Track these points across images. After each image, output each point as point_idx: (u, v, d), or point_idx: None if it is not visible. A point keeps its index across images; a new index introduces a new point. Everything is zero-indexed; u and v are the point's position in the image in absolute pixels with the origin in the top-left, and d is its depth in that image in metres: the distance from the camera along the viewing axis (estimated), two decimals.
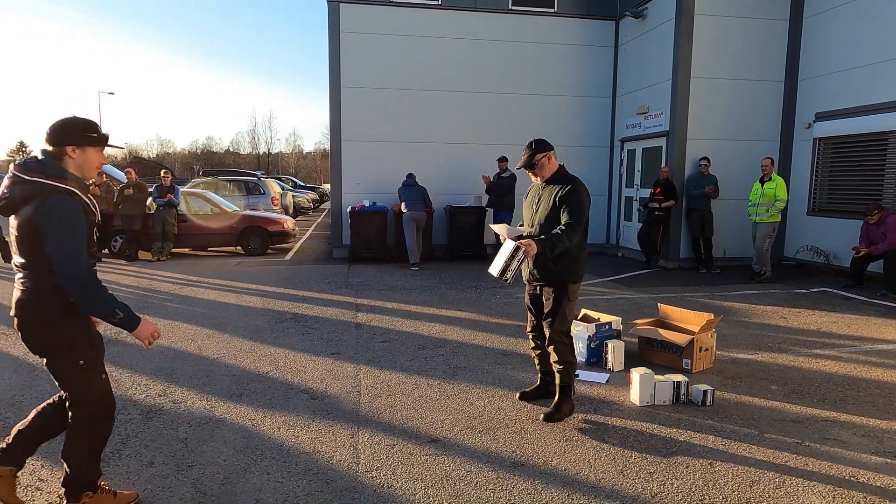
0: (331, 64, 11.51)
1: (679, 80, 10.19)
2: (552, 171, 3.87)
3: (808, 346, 5.61)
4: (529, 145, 3.87)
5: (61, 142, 2.47)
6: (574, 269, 3.82)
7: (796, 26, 10.32)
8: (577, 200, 3.70)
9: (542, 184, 3.90)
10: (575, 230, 3.65)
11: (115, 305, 2.46)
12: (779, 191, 8.90)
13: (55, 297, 2.44)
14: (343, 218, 11.63)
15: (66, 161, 2.48)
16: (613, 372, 4.80)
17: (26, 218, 2.38)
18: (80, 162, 2.51)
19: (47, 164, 2.44)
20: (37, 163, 2.44)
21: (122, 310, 2.48)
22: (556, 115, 12.20)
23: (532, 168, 3.87)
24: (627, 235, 12.17)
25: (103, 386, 2.63)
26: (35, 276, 2.44)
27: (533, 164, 3.84)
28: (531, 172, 3.90)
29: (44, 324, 2.47)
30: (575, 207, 3.69)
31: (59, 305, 2.46)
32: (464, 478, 3.08)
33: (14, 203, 2.41)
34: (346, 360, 5.05)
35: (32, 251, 2.41)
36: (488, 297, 7.81)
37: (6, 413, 3.89)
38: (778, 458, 3.31)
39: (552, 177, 3.86)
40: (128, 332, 2.53)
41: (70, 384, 2.56)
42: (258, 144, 72.81)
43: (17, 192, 2.40)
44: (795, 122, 10.42)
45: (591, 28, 12.31)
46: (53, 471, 3.13)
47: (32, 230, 2.37)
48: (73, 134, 2.48)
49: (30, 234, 2.39)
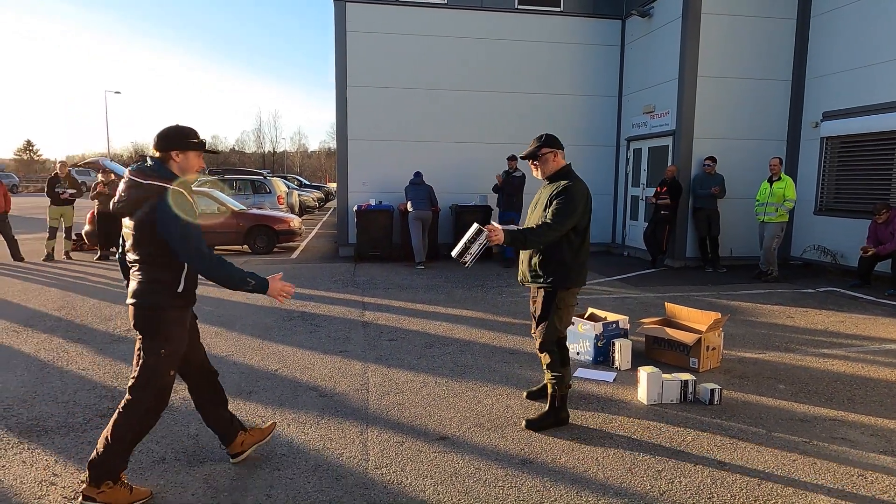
0: (337, 63, 11.54)
1: (685, 79, 10.17)
2: (554, 170, 3.71)
3: (816, 345, 5.60)
4: (539, 137, 3.75)
5: (167, 147, 2.76)
6: (563, 275, 3.61)
7: (804, 25, 10.28)
8: (565, 199, 3.52)
9: (545, 182, 3.78)
10: (553, 229, 3.47)
11: (245, 276, 2.80)
12: (788, 191, 8.88)
13: (165, 289, 2.74)
14: (349, 217, 11.66)
15: (171, 164, 2.77)
16: (621, 371, 4.81)
17: (143, 217, 2.66)
18: (182, 165, 2.79)
19: (157, 169, 2.73)
20: (148, 168, 2.73)
21: (251, 278, 2.82)
22: (562, 114, 12.19)
23: (535, 160, 3.72)
24: (633, 235, 12.16)
25: (168, 381, 2.85)
26: (148, 269, 2.73)
27: (536, 157, 3.71)
28: (533, 165, 3.76)
29: (153, 312, 2.76)
30: (562, 206, 3.50)
31: (168, 297, 2.75)
32: (472, 475, 3.10)
33: (131, 204, 2.68)
34: (353, 359, 5.07)
35: (147, 247, 2.70)
36: (494, 295, 7.82)
37: (19, 409, 3.93)
38: (786, 457, 3.32)
39: (553, 175, 3.71)
40: (263, 293, 2.86)
41: (144, 368, 2.78)
42: (263, 143, 73.00)
43: (133, 195, 2.68)
44: (802, 121, 10.39)
45: (597, 27, 12.30)
46: (67, 466, 3.17)
47: (150, 228, 2.65)
48: (176, 141, 2.78)
49: (147, 232, 2.67)
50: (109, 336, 5.71)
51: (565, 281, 3.63)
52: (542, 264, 3.63)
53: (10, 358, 5.02)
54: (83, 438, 3.50)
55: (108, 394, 4.22)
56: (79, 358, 5.03)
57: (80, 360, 4.96)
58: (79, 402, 4.05)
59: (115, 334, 5.77)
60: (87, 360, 4.99)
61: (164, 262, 2.72)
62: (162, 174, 2.71)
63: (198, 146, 2.84)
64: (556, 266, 3.60)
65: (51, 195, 10.91)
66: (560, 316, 3.67)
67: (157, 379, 2.79)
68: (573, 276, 3.64)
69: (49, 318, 6.40)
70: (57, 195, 10.83)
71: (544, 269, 3.62)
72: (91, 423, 3.71)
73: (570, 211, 3.50)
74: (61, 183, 10.92)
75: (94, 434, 3.54)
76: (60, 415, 3.85)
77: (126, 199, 2.70)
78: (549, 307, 3.66)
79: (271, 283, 2.87)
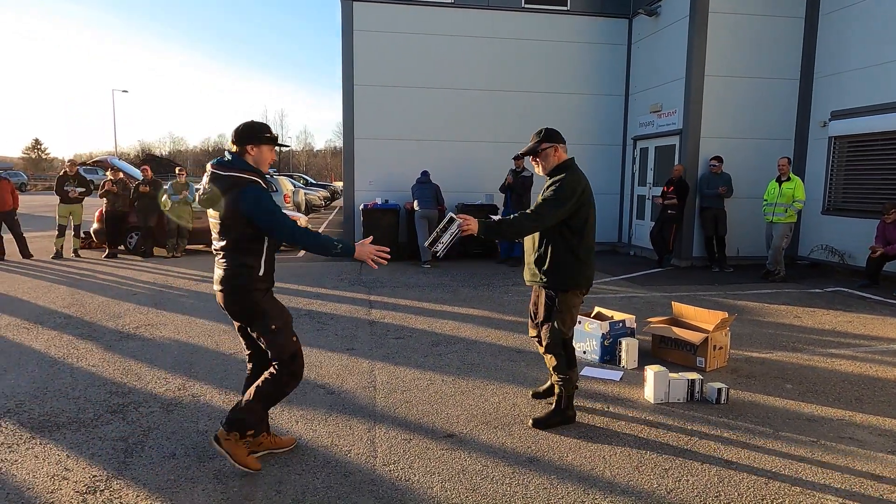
0: (344, 62, 11.57)
1: (693, 77, 10.14)
2: (555, 164, 3.61)
3: (824, 345, 5.59)
4: (538, 132, 3.66)
5: (243, 142, 2.99)
6: (562, 277, 3.50)
7: (812, 24, 10.23)
8: (554, 191, 3.41)
9: (546, 178, 3.68)
10: (532, 220, 3.37)
11: (332, 241, 3.00)
12: (797, 191, 8.84)
13: (249, 273, 2.98)
14: (356, 215, 11.70)
15: (247, 157, 3.00)
16: (627, 370, 4.81)
17: (230, 206, 2.89)
18: (256, 157, 3.02)
19: (235, 161, 2.97)
20: (228, 162, 2.97)
21: (338, 242, 3.00)
22: (568, 113, 12.19)
23: (535, 156, 3.65)
24: (639, 234, 12.14)
25: (295, 346, 3.11)
26: (234, 255, 2.96)
27: (537, 152, 3.63)
28: (534, 161, 3.70)
29: (241, 295, 3.00)
30: (548, 198, 3.41)
31: (253, 280, 2.99)
32: (480, 472, 3.12)
33: (215, 196, 2.91)
34: (361, 356, 5.10)
35: (233, 235, 2.93)
36: (500, 294, 7.84)
37: (31, 405, 3.97)
38: (793, 457, 3.32)
39: (554, 170, 3.61)
40: (350, 258, 3.03)
41: (270, 345, 3.05)
42: None
43: (217, 187, 2.91)
44: (811, 120, 10.35)
45: (604, 26, 12.29)
46: (78, 461, 3.20)
47: (235, 216, 2.89)
48: (251, 136, 3.00)
49: (234, 220, 2.90)
50: (118, 333, 5.76)
51: (564, 282, 3.53)
52: (540, 264, 3.57)
53: (21, 354, 5.07)
54: (94, 434, 3.53)
55: (118, 390, 4.26)
56: (88, 355, 5.07)
57: (89, 357, 5.00)
58: (89, 398, 4.09)
59: (123, 331, 5.82)
60: (97, 356, 5.03)
61: (248, 248, 2.96)
62: (241, 167, 2.95)
63: (270, 140, 3.05)
64: (554, 267, 3.52)
65: (60, 193, 10.99)
66: (562, 319, 3.58)
67: (286, 350, 3.05)
68: (573, 278, 3.52)
69: (58, 315, 6.46)
70: (66, 193, 10.91)
71: (542, 269, 3.56)
72: (101, 418, 3.75)
73: (556, 203, 3.39)
74: (70, 181, 11.00)
75: (105, 429, 3.58)
76: (71, 410, 3.89)
77: (210, 191, 2.92)
78: (550, 309, 3.61)
79: (358, 248, 3.04)
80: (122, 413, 3.85)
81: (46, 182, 47.05)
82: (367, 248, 3.03)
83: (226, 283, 2.99)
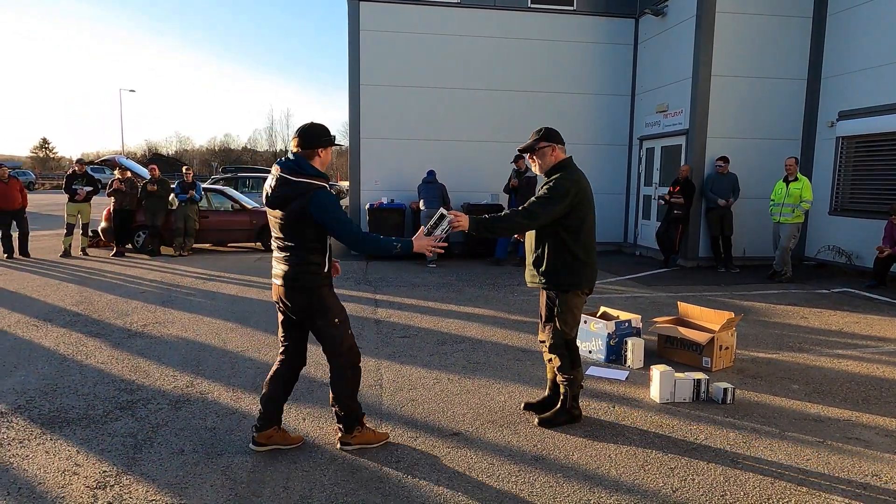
0: (350, 62, 11.61)
1: (699, 77, 10.12)
2: (552, 164, 3.57)
3: (830, 345, 5.57)
4: (538, 130, 3.62)
5: (314, 145, 3.09)
6: (561, 278, 3.48)
7: (819, 23, 10.19)
8: (549, 189, 3.41)
9: (544, 177, 3.66)
10: (524, 217, 3.36)
11: (391, 243, 3.14)
12: (805, 191, 8.81)
13: (316, 270, 3.11)
14: (361, 215, 11.73)
15: (315, 160, 3.10)
16: (633, 369, 4.82)
17: (296, 210, 3.00)
18: (323, 160, 3.14)
19: (304, 166, 3.05)
20: (296, 166, 3.04)
21: (397, 242, 3.15)
22: (574, 113, 12.18)
23: (532, 153, 3.61)
24: (645, 234, 12.12)
25: (351, 339, 3.29)
26: (298, 254, 3.08)
27: (534, 150, 3.58)
28: (531, 158, 3.66)
29: (308, 292, 3.12)
30: (542, 196, 3.40)
31: (319, 276, 3.12)
32: (486, 470, 3.14)
33: (282, 199, 3.02)
34: (367, 355, 5.11)
35: (298, 235, 3.06)
36: (506, 294, 7.85)
37: (41, 401, 4.01)
38: (799, 457, 3.32)
39: (551, 169, 3.58)
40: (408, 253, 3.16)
41: (328, 340, 3.21)
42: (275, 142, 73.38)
43: (285, 191, 3.02)
44: (818, 120, 10.31)
45: (610, 26, 12.27)
46: (88, 457, 3.24)
47: (302, 219, 3.01)
48: (321, 139, 3.11)
49: (299, 222, 3.03)
50: (126, 331, 5.80)
51: (563, 283, 3.51)
52: (538, 265, 3.56)
53: (31, 351, 5.12)
54: (104, 430, 3.57)
55: (126, 387, 4.29)
56: (97, 352, 5.12)
57: (98, 354, 5.05)
58: (98, 395, 4.13)
59: (131, 329, 5.86)
60: (106, 353, 5.07)
61: (314, 247, 3.08)
62: (310, 172, 3.04)
63: (333, 142, 3.16)
64: (552, 268, 3.50)
65: (68, 192, 11.07)
66: (564, 319, 3.55)
67: (342, 343, 3.22)
68: (573, 279, 3.49)
69: (67, 312, 6.51)
70: (74, 192, 10.99)
71: (540, 270, 3.55)
72: (111, 415, 3.78)
73: (549, 202, 3.38)
74: (78, 180, 11.08)
75: (115, 426, 3.61)
76: (81, 407, 3.93)
77: (279, 194, 3.03)
78: (551, 310, 3.60)
79: (416, 243, 3.17)
80: (130, 410, 3.89)
81: (54, 181, 47.33)
82: (425, 241, 3.16)
83: (291, 280, 3.10)
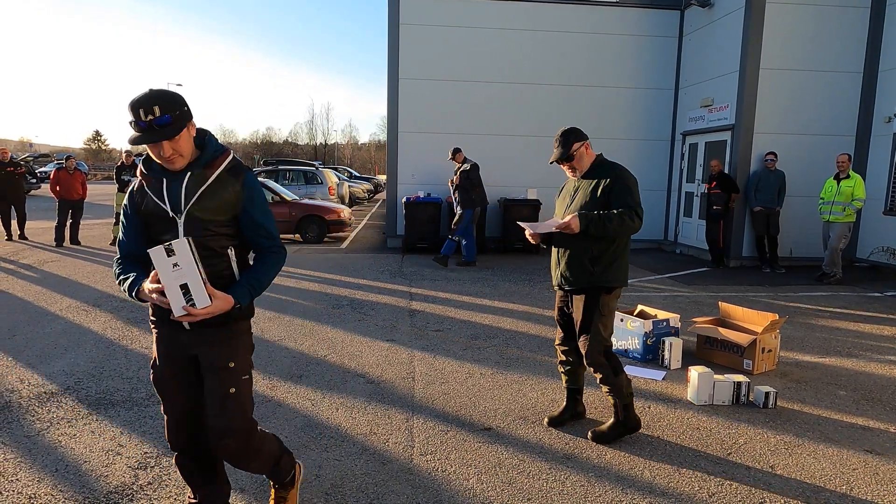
0: (389, 56, 11.65)
1: (747, 71, 9.78)
2: (590, 163, 3.44)
3: (881, 351, 5.33)
4: (562, 135, 3.42)
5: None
6: (611, 272, 3.31)
7: (878, 14, 9.70)
8: (629, 185, 3.28)
9: (577, 179, 3.47)
10: (633, 217, 3.17)
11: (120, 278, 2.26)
12: (857, 189, 8.42)
13: None
14: (398, 208, 11.79)
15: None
16: (670, 370, 4.71)
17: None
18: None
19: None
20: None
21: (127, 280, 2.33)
22: (615, 108, 11.95)
23: (570, 160, 3.41)
24: (686, 232, 11.82)
25: None
26: None
27: (571, 157, 3.39)
28: (567, 166, 3.45)
29: None
30: (631, 193, 3.25)
31: None
32: (516, 466, 3.12)
33: None
34: (400, 347, 5.15)
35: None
36: (541, 289, 7.77)
37: (88, 383, 4.18)
38: (845, 466, 3.18)
39: (591, 168, 3.42)
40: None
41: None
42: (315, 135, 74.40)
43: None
44: (874, 115, 9.84)
45: (654, 18, 11.97)
46: (131, 438, 3.35)
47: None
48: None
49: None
50: None
51: (612, 279, 3.32)
52: (592, 259, 3.30)
53: (80, 335, 5.34)
54: (146, 413, 3.69)
55: None
56: (141, 337, 5.30)
57: (142, 340, 5.22)
58: (142, 379, 4.27)
59: None
60: (149, 339, 5.24)
61: None
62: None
63: None
64: (607, 262, 3.30)
65: (118, 182, 11.48)
66: (605, 323, 3.36)
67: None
68: (621, 275, 3.37)
69: (114, 299, 6.76)
70: (124, 182, 11.38)
71: (594, 264, 3.30)
72: (153, 398, 3.91)
73: (638, 200, 3.28)
74: (127, 171, 11.47)
75: (156, 409, 3.73)
76: (125, 390, 4.07)
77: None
78: (592, 312, 3.32)
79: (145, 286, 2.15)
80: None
81: (105, 172, 49.20)
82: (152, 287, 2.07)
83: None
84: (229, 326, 2.26)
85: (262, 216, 2.28)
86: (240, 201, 2.21)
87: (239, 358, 2.29)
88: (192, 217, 2.14)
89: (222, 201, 2.18)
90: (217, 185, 2.18)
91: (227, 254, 2.24)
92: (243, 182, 2.23)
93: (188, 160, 2.15)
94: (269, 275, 2.32)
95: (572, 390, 3.69)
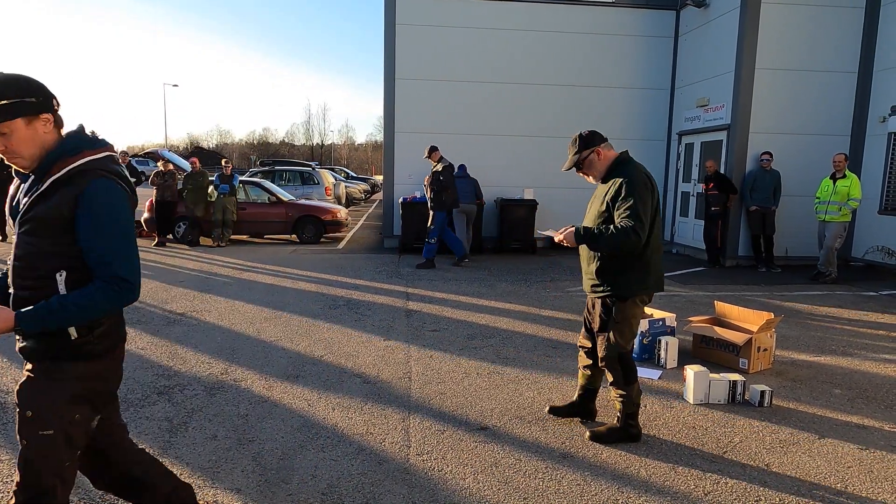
0: (386, 56, 11.64)
1: (742, 71, 9.80)
2: (605, 167, 3.34)
3: (876, 350, 5.35)
4: (574, 142, 3.38)
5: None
6: (622, 281, 3.21)
7: (873, 13, 9.74)
8: (629, 192, 3.12)
9: (599, 183, 3.43)
10: (627, 232, 3.03)
11: None
12: (853, 189, 8.45)
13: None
14: (395, 208, 11.78)
15: None
16: (666, 369, 4.72)
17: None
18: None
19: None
20: None
21: None
22: (611, 108, 11.96)
23: (580, 169, 3.39)
24: (683, 232, 11.84)
25: None
26: None
27: (580, 165, 3.36)
28: (581, 173, 3.43)
29: None
30: (630, 202, 3.09)
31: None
32: (513, 466, 3.12)
33: None
34: (397, 347, 5.15)
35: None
36: (538, 290, 7.78)
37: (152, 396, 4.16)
38: (840, 464, 3.20)
39: (606, 172, 3.34)
40: None
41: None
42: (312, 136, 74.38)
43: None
44: (869, 115, 9.87)
45: (650, 18, 11.98)
46: None
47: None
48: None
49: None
50: (165, 318, 5.97)
51: (630, 287, 3.23)
52: (600, 270, 3.27)
53: None
54: (141, 413, 3.68)
55: (164, 372, 4.42)
56: (137, 338, 5.28)
57: (138, 340, 5.21)
58: (137, 380, 4.26)
59: (170, 317, 6.03)
60: (145, 340, 5.23)
61: None
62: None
63: None
64: (617, 272, 3.23)
65: None
66: (620, 330, 3.26)
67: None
68: (642, 283, 3.23)
69: None
70: None
71: (601, 275, 3.27)
72: (148, 399, 3.90)
73: (641, 206, 3.09)
74: None
75: (152, 410, 3.72)
76: (121, 390, 4.05)
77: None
78: (607, 319, 3.30)
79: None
80: (167, 395, 4.00)
81: None
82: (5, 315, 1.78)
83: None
84: (46, 364, 1.85)
85: (95, 236, 1.79)
86: (73, 215, 1.79)
87: (42, 408, 1.85)
88: (22, 229, 1.83)
89: (52, 213, 1.78)
90: (50, 193, 1.80)
91: (56, 278, 1.80)
92: (84, 191, 1.79)
93: (32, 163, 1.83)
94: (79, 303, 1.77)
95: (584, 388, 3.65)
